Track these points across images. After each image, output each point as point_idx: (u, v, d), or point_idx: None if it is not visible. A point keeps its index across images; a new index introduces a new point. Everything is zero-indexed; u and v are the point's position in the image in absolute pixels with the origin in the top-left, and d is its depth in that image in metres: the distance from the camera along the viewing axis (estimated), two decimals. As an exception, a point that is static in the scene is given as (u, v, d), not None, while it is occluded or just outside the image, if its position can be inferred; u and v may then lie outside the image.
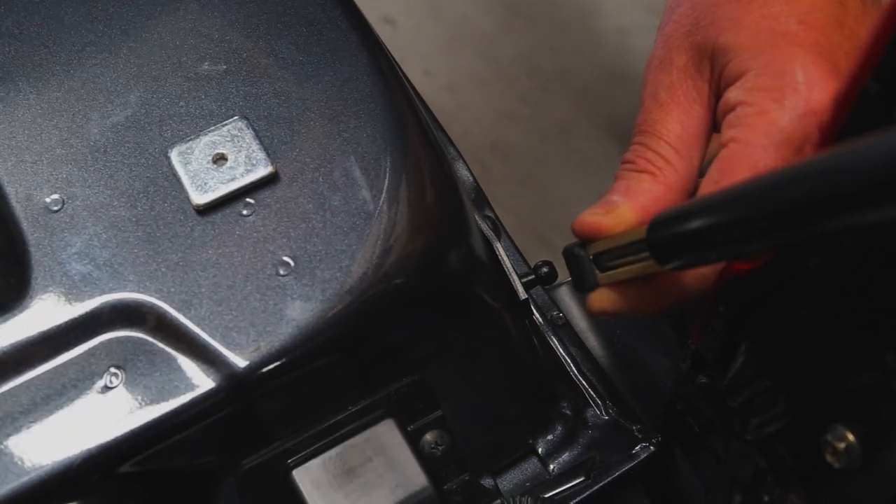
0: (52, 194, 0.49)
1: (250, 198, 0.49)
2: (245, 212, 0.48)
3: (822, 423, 0.41)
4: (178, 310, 0.46)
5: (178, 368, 0.46)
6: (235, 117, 0.50)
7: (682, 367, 0.51)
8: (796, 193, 0.35)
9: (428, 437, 0.51)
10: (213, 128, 0.50)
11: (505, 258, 0.55)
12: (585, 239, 0.52)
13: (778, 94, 0.49)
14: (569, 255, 0.53)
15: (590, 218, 0.51)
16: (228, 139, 0.50)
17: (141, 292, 0.47)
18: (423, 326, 0.51)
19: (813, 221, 0.35)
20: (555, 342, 0.60)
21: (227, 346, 0.46)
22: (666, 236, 0.45)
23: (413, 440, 0.50)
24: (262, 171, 0.49)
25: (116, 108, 0.51)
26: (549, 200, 1.44)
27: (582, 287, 0.53)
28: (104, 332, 0.46)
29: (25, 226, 0.48)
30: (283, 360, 0.46)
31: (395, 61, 0.57)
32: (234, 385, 0.45)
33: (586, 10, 1.60)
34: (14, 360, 0.46)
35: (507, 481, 0.56)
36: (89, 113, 0.51)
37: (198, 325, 0.46)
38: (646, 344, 0.63)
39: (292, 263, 0.47)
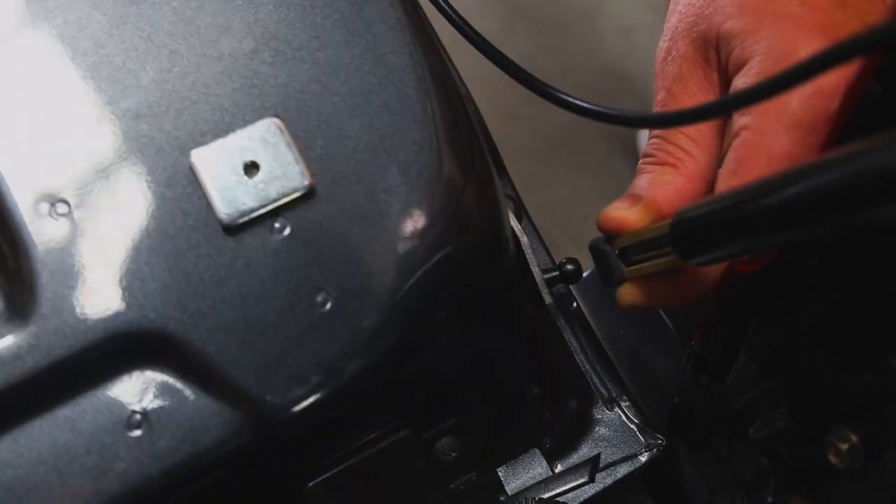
0: (56, 197, 0.42)
1: (284, 215, 0.42)
2: (278, 232, 0.42)
3: (825, 424, 0.41)
4: (207, 347, 0.41)
5: (207, 413, 0.41)
6: (269, 117, 0.43)
7: (684, 367, 0.51)
8: (810, 188, 0.35)
9: (442, 442, 0.50)
10: (242, 128, 0.43)
11: (533, 259, 0.54)
12: (611, 234, 0.52)
13: None
14: (595, 249, 0.53)
15: (614, 213, 0.51)
16: (261, 144, 0.42)
17: (165, 325, 0.41)
18: (457, 350, 0.48)
19: (825, 218, 0.35)
20: (567, 330, 0.58)
21: (261, 391, 0.41)
22: (687, 233, 0.45)
23: (428, 449, 0.49)
24: (299, 184, 0.42)
25: (128, 90, 0.43)
26: (552, 200, 1.44)
27: (609, 281, 0.53)
28: (125, 371, 0.41)
29: (26, 236, 0.41)
30: (318, 402, 0.42)
31: (441, 43, 0.50)
32: (266, 431, 0.42)
33: (589, 10, 1.60)
34: (20, 399, 0.40)
35: (511, 477, 0.55)
36: (96, 95, 0.43)
37: (228, 364, 0.41)
38: (650, 344, 0.63)
39: (331, 298, 0.42)
